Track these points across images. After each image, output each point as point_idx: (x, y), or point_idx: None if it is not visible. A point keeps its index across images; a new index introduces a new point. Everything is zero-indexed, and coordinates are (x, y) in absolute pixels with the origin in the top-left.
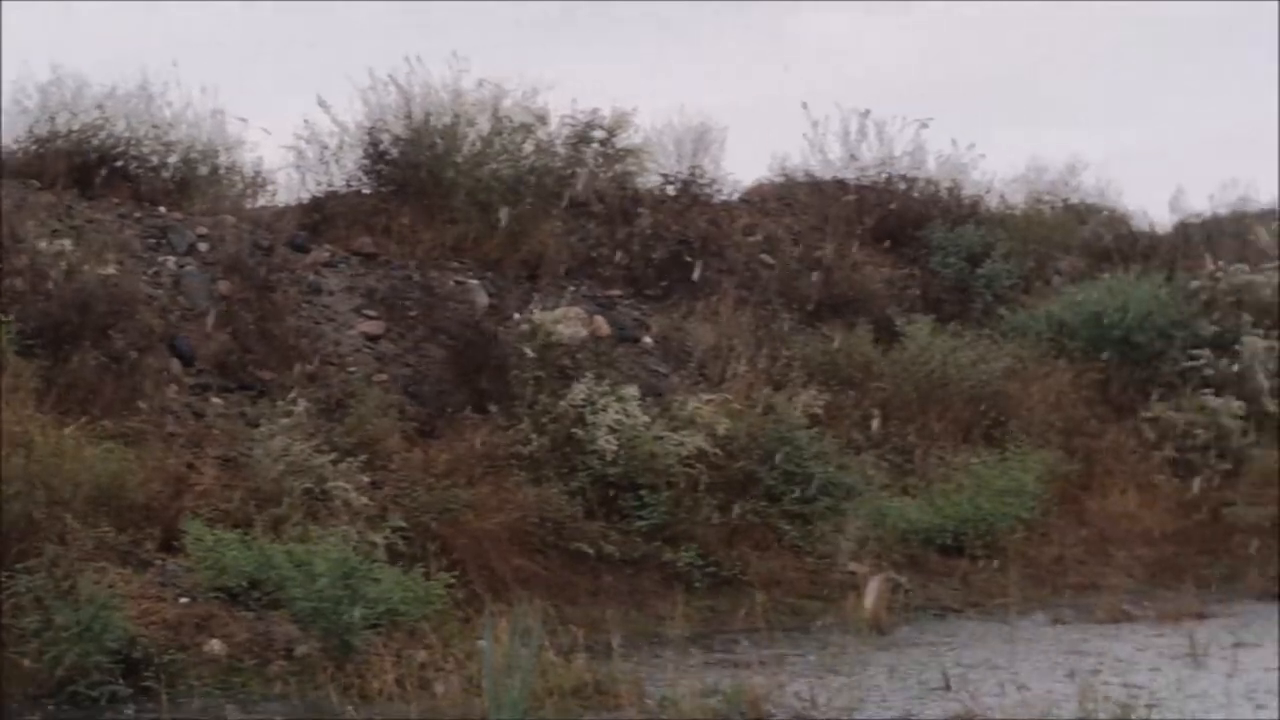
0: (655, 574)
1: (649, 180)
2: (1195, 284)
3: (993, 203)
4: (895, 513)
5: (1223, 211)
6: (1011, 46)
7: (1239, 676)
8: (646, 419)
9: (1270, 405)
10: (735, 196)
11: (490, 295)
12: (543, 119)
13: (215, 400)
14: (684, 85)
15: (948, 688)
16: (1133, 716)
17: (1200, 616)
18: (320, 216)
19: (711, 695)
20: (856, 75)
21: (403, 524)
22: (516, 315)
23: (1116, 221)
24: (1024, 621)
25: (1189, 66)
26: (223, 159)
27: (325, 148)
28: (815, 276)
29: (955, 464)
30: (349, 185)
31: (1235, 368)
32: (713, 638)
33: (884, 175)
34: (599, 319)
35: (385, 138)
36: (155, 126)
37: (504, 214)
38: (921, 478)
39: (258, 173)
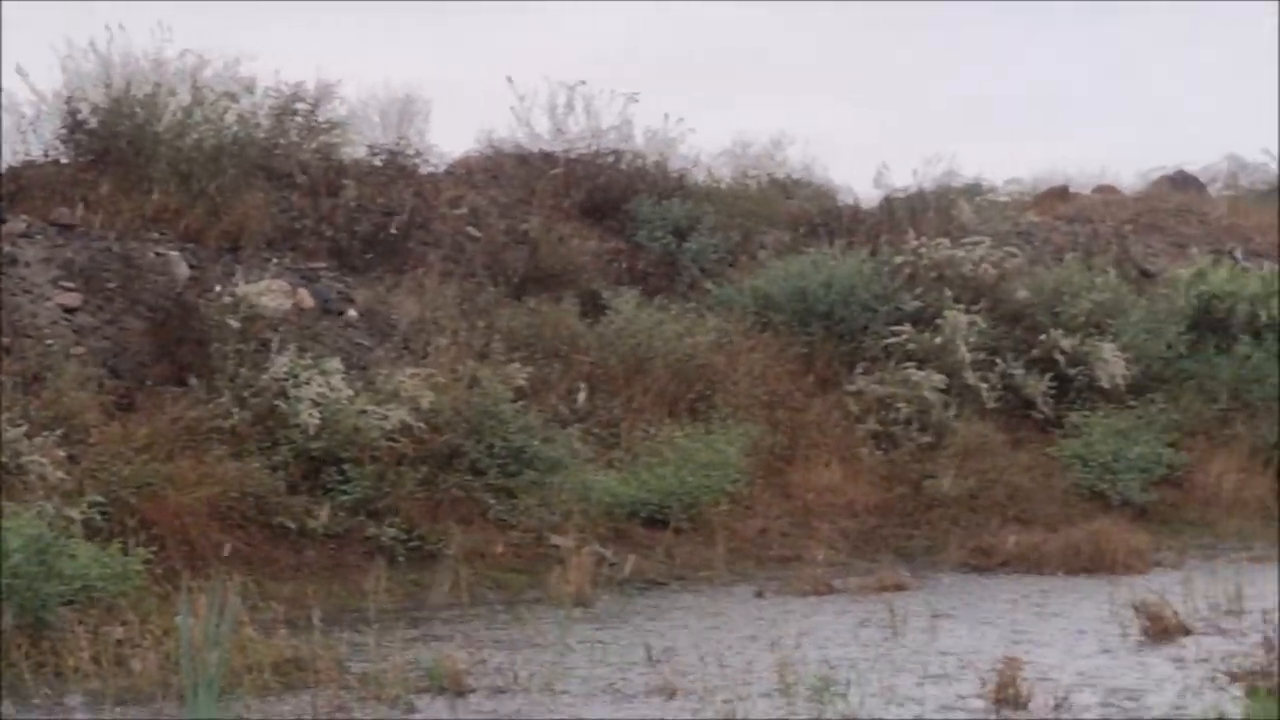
0: (358, 548)
1: (355, 152)
2: (899, 259)
3: (700, 177)
4: (600, 486)
5: (927, 187)
6: (724, 23)
7: (936, 647)
8: (350, 393)
9: (971, 378)
10: (442, 169)
11: (192, 267)
12: (248, 89)
13: None
14: (393, 56)
15: (650, 660)
16: (832, 688)
17: (900, 588)
18: (16, 187)
19: (412, 670)
20: (568, 50)
21: (100, 499)
22: (218, 287)
23: (822, 196)
24: (727, 594)
25: (899, 46)
26: None
27: (23, 117)
28: (522, 249)
29: (661, 437)
30: (47, 155)
31: (937, 341)
32: (416, 612)
33: (592, 149)
34: (302, 291)
35: (84, 107)
36: None
37: (205, 184)
38: (627, 451)
39: None
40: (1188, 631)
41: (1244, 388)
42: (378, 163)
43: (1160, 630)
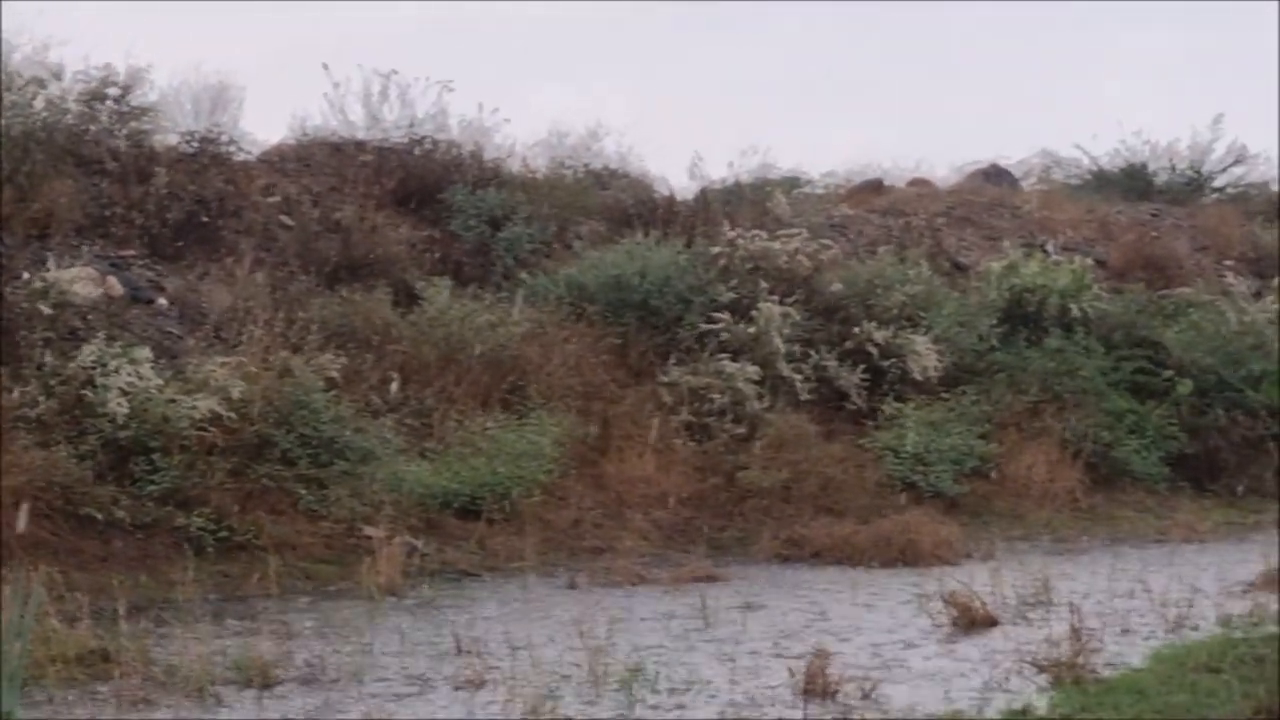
0: (167, 539)
1: (167, 139)
2: (714, 250)
3: (515, 166)
4: (413, 476)
5: (743, 179)
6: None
7: (746, 638)
8: (159, 382)
9: (785, 370)
10: (255, 156)
11: None
12: (56, 75)
13: None
14: (206, 42)
15: (459, 651)
16: (641, 678)
17: (712, 579)
18: None
19: (219, 661)
20: (382, 36)
21: None
22: (26, 274)
23: (638, 187)
24: (540, 584)
25: (711, 34)
26: None
27: None
28: (335, 238)
29: (474, 428)
30: None
31: (752, 332)
32: (224, 604)
33: (406, 137)
34: (112, 279)
35: None
36: None
37: (13, 170)
38: (440, 441)
39: None
40: (995, 622)
41: (1055, 380)
42: (189, 150)
43: (969, 621)
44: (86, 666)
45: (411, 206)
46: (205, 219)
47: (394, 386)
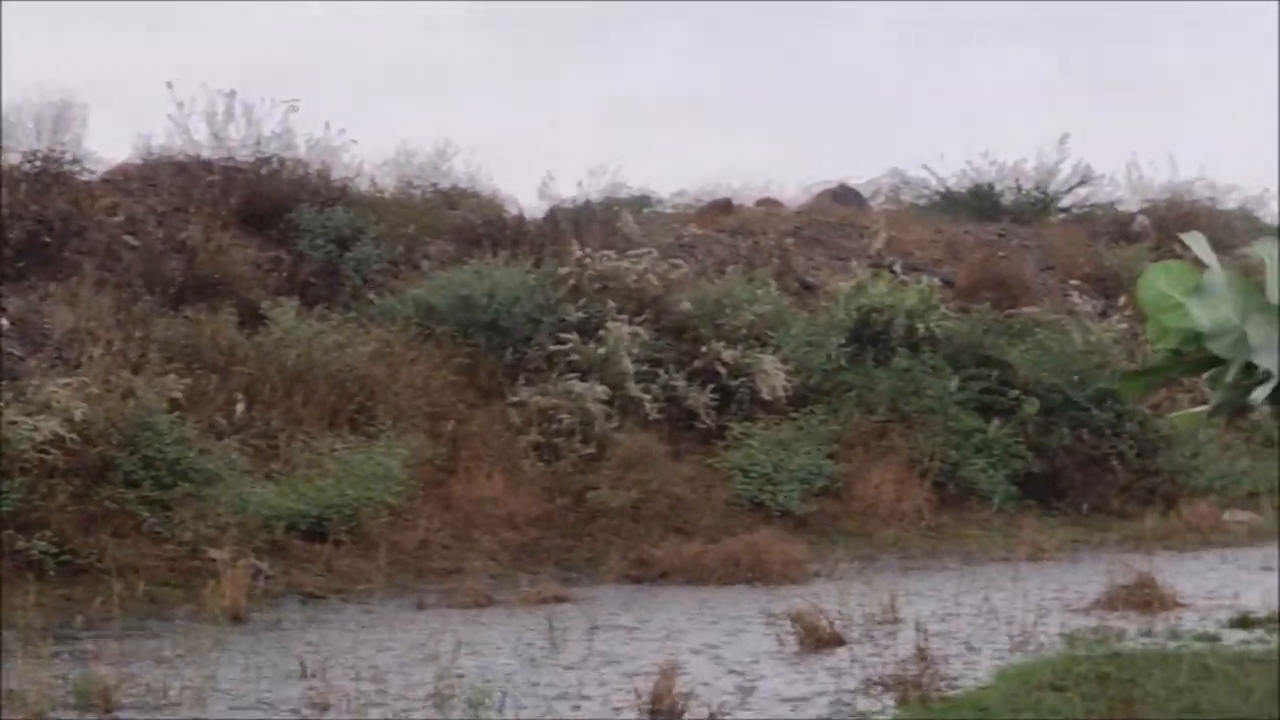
0: (7, 562)
1: (8, 158)
2: (563, 270)
3: (363, 186)
4: (258, 498)
5: (594, 198)
6: (393, 28)
7: (594, 659)
8: None
9: (634, 389)
10: (99, 176)
11: None
12: None
13: None
14: (49, 59)
15: (304, 674)
16: (487, 699)
17: (561, 599)
18: None
19: (60, 686)
20: (235, 56)
21: None
22: None
23: (487, 207)
24: (387, 606)
25: (564, 54)
26: None
27: None
28: (179, 259)
29: (321, 449)
30: None
31: (601, 352)
32: (66, 628)
33: (253, 156)
34: None
35: None
36: None
37: None
38: (286, 463)
39: None
40: (842, 641)
41: (902, 399)
42: (31, 169)
43: (816, 640)
44: None
45: (258, 226)
46: (48, 239)
47: (239, 408)
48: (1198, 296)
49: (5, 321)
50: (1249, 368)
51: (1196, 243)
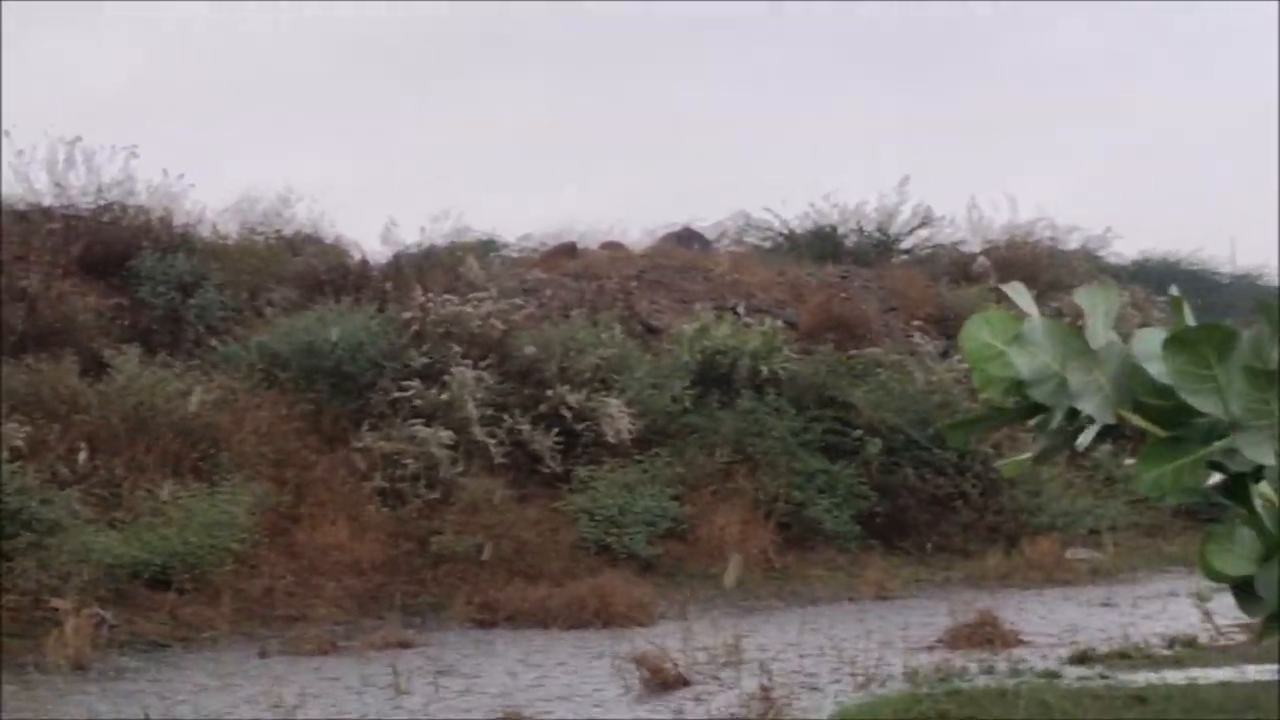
0: None
1: None
2: (406, 315)
3: (205, 233)
4: (101, 547)
5: (438, 243)
6: (234, 77)
7: (438, 705)
8: None
9: (479, 434)
10: None
11: None
12: None
13: None
14: None
15: None
16: None
17: (406, 645)
18: None
19: None
20: (76, 100)
21: None
22: None
23: (330, 253)
24: (232, 654)
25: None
26: None
27: None
28: (19, 307)
29: (164, 496)
30: None
31: (445, 397)
32: None
33: (94, 204)
34: None
35: None
36: None
37: None
38: (129, 511)
39: None
40: (687, 682)
41: (747, 441)
42: None
43: (660, 682)
44: None
45: (99, 274)
46: None
47: (82, 456)
48: (1018, 345)
49: None
50: (1073, 413)
51: (1017, 293)
